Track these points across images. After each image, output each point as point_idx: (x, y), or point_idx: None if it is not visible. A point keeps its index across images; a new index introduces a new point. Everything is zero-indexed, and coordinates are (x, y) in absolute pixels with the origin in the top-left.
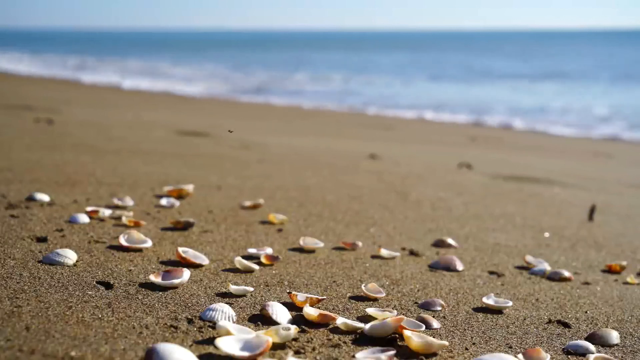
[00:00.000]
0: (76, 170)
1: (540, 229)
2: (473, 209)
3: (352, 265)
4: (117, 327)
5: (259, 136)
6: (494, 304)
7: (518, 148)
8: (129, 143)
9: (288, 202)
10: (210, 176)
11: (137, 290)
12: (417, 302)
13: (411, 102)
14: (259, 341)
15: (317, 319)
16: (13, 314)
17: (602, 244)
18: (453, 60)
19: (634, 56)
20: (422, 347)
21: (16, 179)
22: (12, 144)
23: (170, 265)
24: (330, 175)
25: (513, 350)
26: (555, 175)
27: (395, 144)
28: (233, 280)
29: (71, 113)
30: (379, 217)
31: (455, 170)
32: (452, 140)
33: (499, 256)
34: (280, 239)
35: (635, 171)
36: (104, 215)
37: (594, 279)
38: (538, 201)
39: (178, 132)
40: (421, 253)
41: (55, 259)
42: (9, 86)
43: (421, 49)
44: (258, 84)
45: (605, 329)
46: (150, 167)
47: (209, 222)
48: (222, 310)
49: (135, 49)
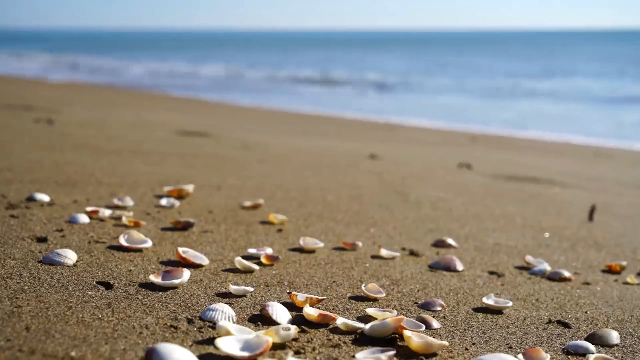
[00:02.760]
0: (76, 170)
1: (540, 229)
2: (473, 209)
3: (352, 265)
4: (117, 327)
5: (259, 136)
6: (494, 304)
7: (518, 148)
8: (129, 143)
9: (288, 202)
10: (210, 176)
11: (137, 290)
12: (417, 302)
13: (413, 105)
14: (259, 341)
15: (317, 319)
16: (13, 314)
17: (602, 244)
18: (458, 61)
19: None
20: (422, 347)
21: (16, 179)
22: (12, 144)
23: (170, 265)
24: (331, 175)
25: (513, 350)
26: (556, 175)
27: (395, 144)
28: (233, 280)
29: (71, 113)
30: (379, 217)
31: (455, 170)
32: (452, 140)
33: (499, 256)
34: (280, 239)
35: (635, 171)
36: (104, 215)
37: (594, 279)
38: (538, 201)
39: (178, 132)
40: (421, 253)
41: (55, 259)
42: (9, 86)
43: (421, 48)
44: (259, 84)
45: (605, 329)
46: (150, 167)
47: (209, 222)
48: (222, 310)
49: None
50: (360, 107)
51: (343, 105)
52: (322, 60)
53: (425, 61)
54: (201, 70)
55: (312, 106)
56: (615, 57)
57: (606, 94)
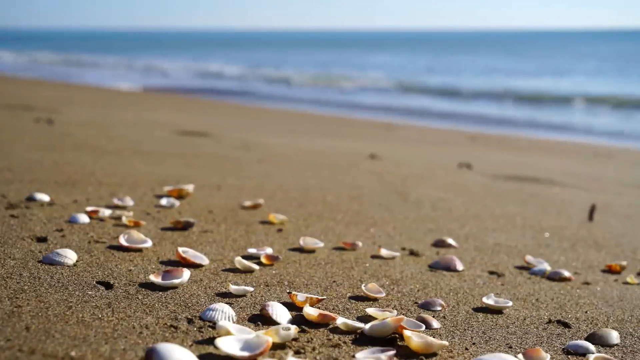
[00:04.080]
0: (76, 170)
1: (540, 229)
2: (473, 209)
3: (352, 265)
4: (117, 327)
5: (260, 136)
6: (494, 304)
7: (518, 148)
8: (129, 143)
9: (288, 202)
10: (210, 176)
11: (137, 290)
12: (417, 302)
13: (412, 104)
14: (259, 341)
15: (317, 319)
16: (13, 314)
17: (602, 244)
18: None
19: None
20: (422, 347)
21: (16, 179)
22: (12, 144)
23: (170, 265)
24: (331, 175)
25: (513, 350)
26: (556, 175)
27: (396, 144)
28: (233, 280)
29: (71, 113)
30: (379, 217)
31: (455, 170)
32: (452, 140)
33: (499, 256)
34: (280, 239)
35: (635, 171)
36: (104, 215)
37: (594, 279)
38: (538, 201)
39: (178, 132)
40: (421, 253)
41: (55, 259)
42: (9, 86)
43: (421, 49)
44: (259, 83)
45: (605, 329)
46: (150, 167)
47: (209, 222)
48: (222, 310)
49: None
50: (361, 107)
51: (343, 105)
52: (323, 60)
53: (424, 61)
54: (226, 71)
55: (312, 106)
56: (615, 56)
57: (606, 94)
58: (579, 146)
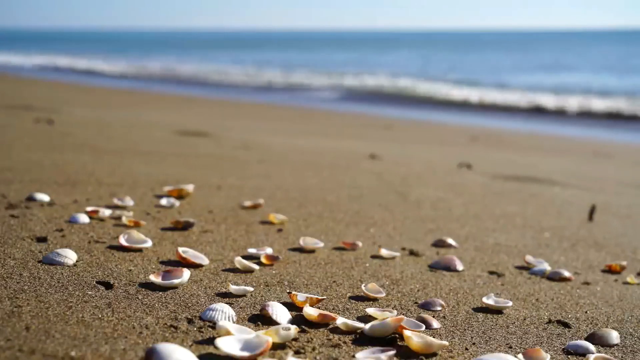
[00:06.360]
0: (76, 170)
1: (540, 229)
2: (473, 209)
3: (352, 265)
4: (117, 327)
5: (259, 136)
6: (494, 304)
7: (518, 148)
8: (129, 143)
9: (288, 202)
10: (210, 176)
11: (137, 290)
12: (417, 302)
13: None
14: (259, 341)
15: (317, 319)
16: (13, 314)
17: (602, 244)
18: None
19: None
20: (422, 347)
21: (16, 179)
22: (12, 144)
23: (170, 265)
24: (331, 175)
25: (513, 350)
26: (556, 175)
27: (396, 144)
28: (233, 280)
29: (71, 113)
30: (379, 217)
31: (455, 170)
32: (452, 140)
33: (499, 256)
34: (280, 239)
35: (635, 171)
36: (104, 215)
37: (594, 279)
38: (538, 201)
39: (178, 132)
40: (421, 253)
41: (55, 259)
42: (9, 86)
43: (421, 48)
44: (260, 83)
45: (605, 329)
46: (150, 167)
47: (209, 222)
48: (222, 310)
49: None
50: (361, 107)
51: (343, 105)
52: (323, 60)
53: (424, 61)
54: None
55: (312, 105)
56: (616, 56)
57: (605, 94)
58: (579, 146)
